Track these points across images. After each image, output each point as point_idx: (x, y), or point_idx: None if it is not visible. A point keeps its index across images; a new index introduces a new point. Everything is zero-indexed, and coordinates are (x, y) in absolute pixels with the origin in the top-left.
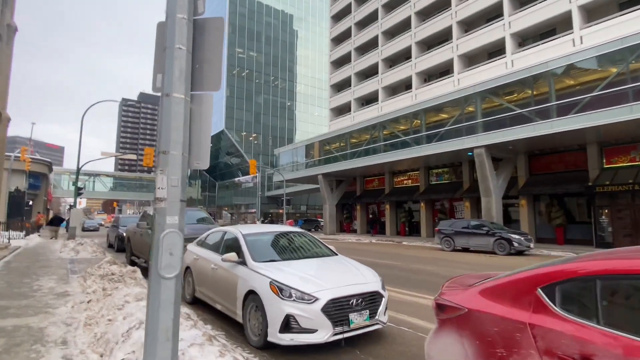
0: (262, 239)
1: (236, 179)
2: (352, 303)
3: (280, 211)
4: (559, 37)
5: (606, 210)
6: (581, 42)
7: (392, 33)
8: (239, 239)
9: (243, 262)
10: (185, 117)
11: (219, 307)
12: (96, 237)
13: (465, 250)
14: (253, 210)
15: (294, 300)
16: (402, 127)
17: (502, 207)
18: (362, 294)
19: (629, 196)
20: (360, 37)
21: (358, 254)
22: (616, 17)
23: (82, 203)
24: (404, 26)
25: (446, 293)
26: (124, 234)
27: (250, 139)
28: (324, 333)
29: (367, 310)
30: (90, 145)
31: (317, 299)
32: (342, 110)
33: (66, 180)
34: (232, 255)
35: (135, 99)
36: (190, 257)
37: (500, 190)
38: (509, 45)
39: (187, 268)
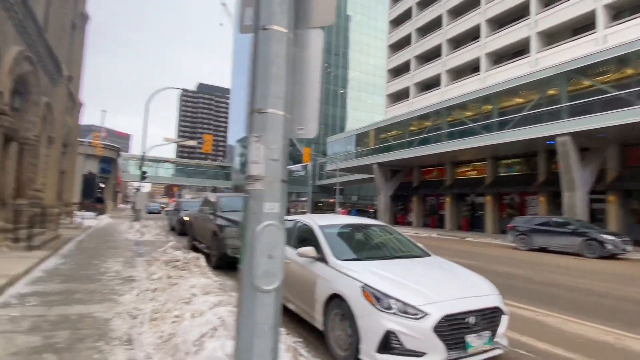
0: (341, 232)
1: (287, 167)
2: (470, 322)
3: (331, 200)
4: None
5: None
6: None
7: (458, 11)
8: (314, 231)
9: (322, 259)
10: (287, 61)
11: (291, 306)
12: (159, 220)
13: (543, 250)
14: (304, 199)
15: (394, 313)
16: (469, 114)
17: (587, 204)
18: (482, 310)
19: None
20: (422, 18)
21: None
22: None
23: (146, 187)
24: (471, 4)
25: None
26: (185, 218)
27: None
28: (435, 359)
29: (488, 331)
30: (153, 133)
31: (426, 315)
32: (399, 96)
33: (132, 165)
34: (310, 250)
35: (194, 89)
36: None
37: (586, 185)
38: (602, 18)
39: None
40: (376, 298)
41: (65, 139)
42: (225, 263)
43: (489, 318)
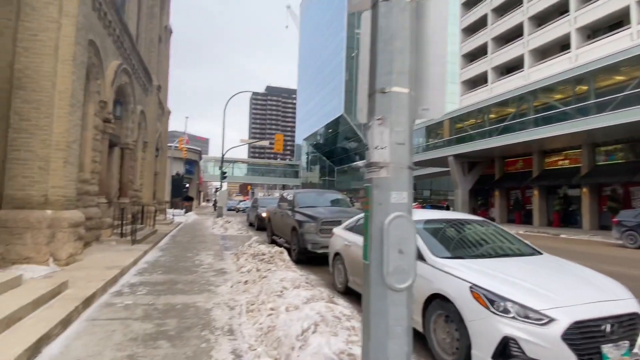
0: (436, 228)
1: (353, 164)
2: (605, 329)
3: None
4: None
5: None
6: None
7: None
8: None
9: (419, 257)
10: (411, 33)
11: None
12: (237, 216)
13: None
14: None
15: (513, 317)
16: (559, 97)
17: None
18: (619, 317)
19: None
20: None
21: None
22: None
23: (224, 186)
24: None
25: None
26: (264, 215)
27: None
28: None
29: (627, 341)
30: (228, 135)
31: (552, 320)
32: (475, 82)
33: (211, 166)
34: None
35: (263, 92)
36: (340, 243)
37: None
38: None
39: (337, 254)
40: (489, 300)
41: (157, 143)
42: (306, 257)
43: (627, 326)
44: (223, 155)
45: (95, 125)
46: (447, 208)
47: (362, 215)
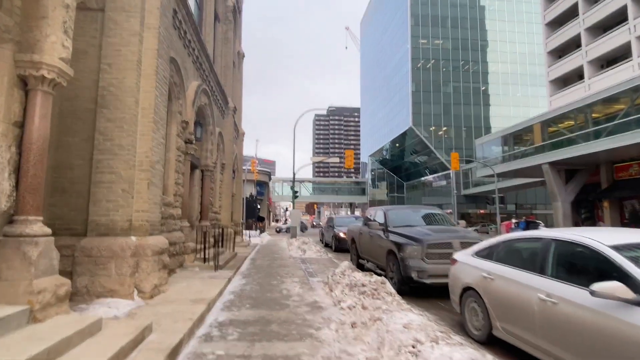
0: None
1: (423, 178)
2: None
3: (481, 211)
4: None
5: None
6: None
7: None
8: (606, 254)
9: None
10: None
11: None
12: (310, 236)
13: None
14: (449, 211)
15: None
16: None
17: None
18: None
19: None
20: None
21: None
22: None
23: (291, 206)
24: None
25: None
26: (342, 235)
27: (440, 133)
28: None
29: None
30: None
31: None
32: (566, 80)
33: (279, 187)
34: (618, 288)
35: (326, 112)
36: (472, 274)
37: None
38: None
39: (468, 289)
40: None
41: (233, 165)
42: (408, 287)
43: None
44: (294, 175)
45: (178, 146)
46: (532, 224)
47: (506, 237)
